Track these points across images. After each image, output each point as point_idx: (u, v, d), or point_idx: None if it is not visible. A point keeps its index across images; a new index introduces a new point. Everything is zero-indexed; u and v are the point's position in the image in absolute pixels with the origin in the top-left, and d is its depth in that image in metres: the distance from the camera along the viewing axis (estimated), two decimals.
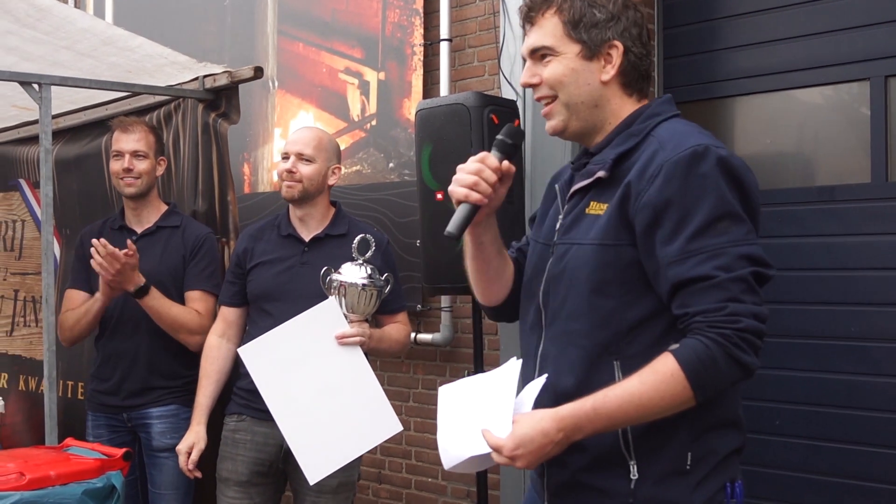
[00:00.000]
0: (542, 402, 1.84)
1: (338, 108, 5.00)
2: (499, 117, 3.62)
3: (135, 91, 4.14)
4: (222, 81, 3.94)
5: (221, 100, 3.98)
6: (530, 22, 1.98)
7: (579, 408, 1.75)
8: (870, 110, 3.77)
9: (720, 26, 4.20)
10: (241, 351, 3.04)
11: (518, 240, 2.30)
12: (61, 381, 4.20)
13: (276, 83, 5.33)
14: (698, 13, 4.26)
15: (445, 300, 4.45)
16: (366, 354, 3.07)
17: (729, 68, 4.17)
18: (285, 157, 3.25)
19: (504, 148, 1.97)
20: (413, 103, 4.49)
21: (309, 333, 2.99)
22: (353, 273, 3.03)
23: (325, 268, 3.06)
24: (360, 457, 3.18)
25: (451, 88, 4.50)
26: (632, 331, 1.84)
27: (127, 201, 3.65)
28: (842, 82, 3.89)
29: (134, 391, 3.54)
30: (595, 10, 1.92)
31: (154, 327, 3.48)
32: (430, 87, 4.62)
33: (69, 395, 4.37)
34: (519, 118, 3.87)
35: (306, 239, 3.26)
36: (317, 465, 2.97)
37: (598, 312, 1.85)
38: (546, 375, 1.85)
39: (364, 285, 3.02)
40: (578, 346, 1.87)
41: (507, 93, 4.21)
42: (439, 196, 3.69)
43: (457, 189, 1.93)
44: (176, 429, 3.42)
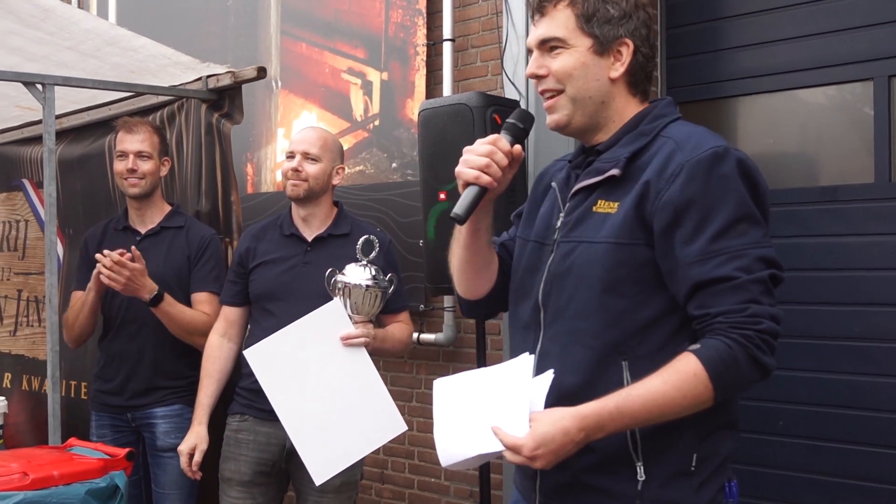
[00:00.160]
0: (544, 401, 1.82)
1: (341, 109, 5.00)
2: (501, 117, 3.62)
3: (138, 91, 4.14)
4: (225, 82, 3.94)
5: (225, 100, 3.98)
6: (541, 12, 1.94)
7: (602, 407, 1.73)
8: (873, 110, 3.76)
9: (723, 26, 4.20)
10: (246, 353, 3.04)
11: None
12: (64, 381, 4.20)
13: (280, 83, 5.33)
14: (701, 13, 4.26)
15: (448, 300, 4.45)
16: (369, 354, 3.07)
17: (732, 68, 4.17)
18: (290, 156, 3.25)
19: (515, 132, 1.94)
20: (416, 103, 4.49)
21: (314, 335, 2.99)
22: (358, 274, 3.03)
23: (330, 269, 3.06)
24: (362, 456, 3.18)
25: (454, 88, 4.50)
26: (642, 331, 1.82)
27: (131, 202, 3.66)
28: (845, 82, 3.89)
29: (138, 391, 3.54)
30: (609, 6, 1.91)
31: (158, 328, 3.48)
32: (432, 87, 4.62)
33: (72, 395, 4.37)
34: None
35: (309, 239, 3.26)
36: (323, 465, 2.97)
37: (608, 311, 1.83)
38: (552, 372, 1.82)
39: (368, 286, 3.02)
40: (585, 345, 1.84)
41: (510, 93, 4.21)
42: (442, 196, 3.69)
43: (466, 170, 1.89)
44: (180, 429, 3.43)
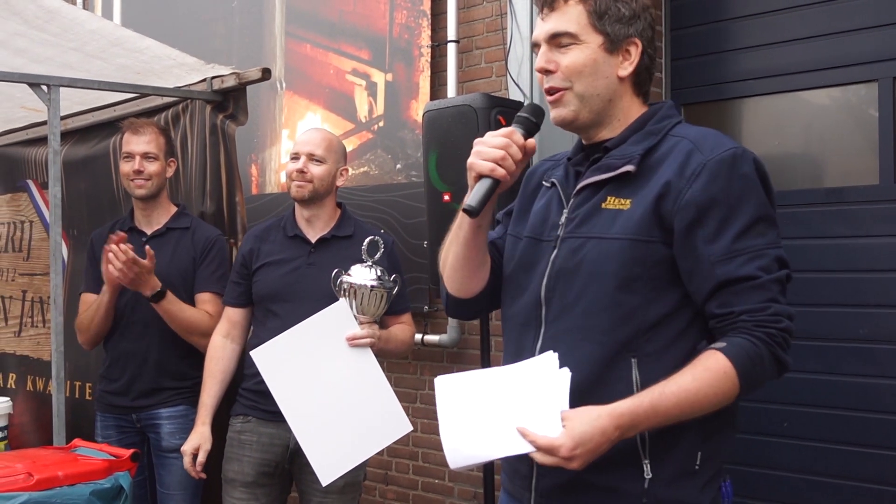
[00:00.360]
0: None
1: (345, 110, 5.00)
2: (506, 118, 3.62)
3: (143, 92, 4.14)
4: (230, 83, 3.94)
5: (229, 101, 3.98)
6: (551, 7, 1.93)
7: (637, 405, 1.72)
8: (878, 112, 3.76)
9: (728, 28, 4.20)
10: (253, 354, 3.04)
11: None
12: (69, 382, 4.20)
13: (284, 84, 5.34)
14: (706, 14, 4.26)
15: None
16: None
17: (737, 70, 4.16)
18: (295, 157, 3.25)
19: (528, 125, 1.92)
20: (420, 105, 4.49)
21: (320, 335, 2.99)
22: (363, 275, 3.03)
23: (336, 270, 3.06)
24: None
25: (459, 90, 4.51)
26: (652, 328, 1.82)
27: (137, 203, 3.66)
28: (850, 84, 3.88)
29: (143, 392, 3.55)
30: (620, 4, 1.91)
31: (163, 328, 3.48)
32: (437, 88, 4.62)
33: (77, 396, 4.38)
34: None
35: (312, 240, 3.26)
36: (329, 466, 2.97)
37: (621, 308, 1.82)
38: (567, 370, 1.78)
39: (373, 287, 3.02)
40: (595, 341, 1.83)
41: (515, 94, 4.21)
42: (446, 197, 3.69)
43: (480, 162, 1.86)
44: (185, 429, 3.43)
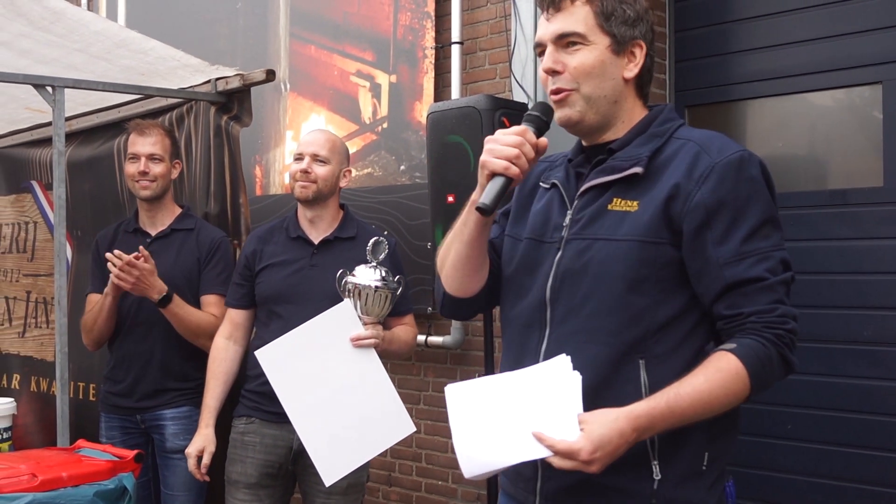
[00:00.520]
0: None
1: (349, 111, 5.01)
2: (510, 120, 3.62)
3: (147, 94, 4.15)
4: (234, 84, 3.95)
5: (233, 102, 3.99)
6: (556, 7, 1.92)
7: (654, 406, 1.72)
8: (882, 114, 3.76)
9: (732, 29, 4.19)
10: (258, 353, 3.04)
11: None
12: (72, 383, 4.21)
13: (288, 86, 5.34)
14: (710, 16, 4.26)
15: None
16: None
17: (741, 71, 4.16)
18: (299, 158, 3.25)
19: (538, 124, 1.91)
20: (424, 106, 4.49)
21: (324, 336, 2.99)
22: (368, 275, 3.03)
23: (341, 270, 3.07)
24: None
25: (463, 91, 4.51)
26: (659, 330, 1.82)
27: (141, 204, 3.66)
28: (854, 86, 3.88)
29: (147, 393, 3.55)
30: (624, 6, 1.91)
31: (167, 330, 3.48)
32: (441, 89, 4.62)
33: (80, 397, 4.38)
34: None
35: (315, 241, 3.26)
36: (333, 466, 2.97)
37: (629, 310, 1.82)
38: (578, 373, 1.78)
39: (378, 287, 3.02)
40: (603, 343, 1.83)
41: (519, 96, 4.21)
42: (450, 199, 3.69)
43: (493, 160, 1.85)
44: (189, 430, 3.43)
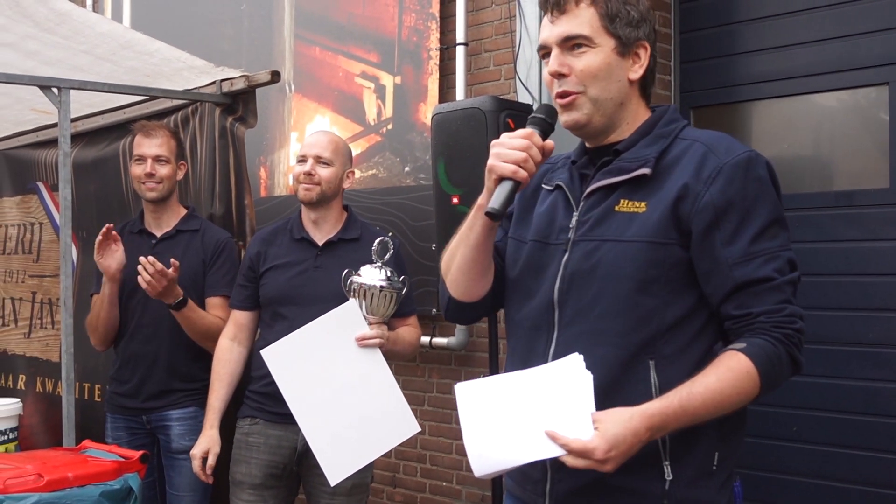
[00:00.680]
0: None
1: (354, 112, 5.01)
2: (515, 121, 3.62)
3: (153, 95, 4.16)
4: (239, 85, 3.95)
5: (239, 104, 3.99)
6: (560, 10, 1.91)
7: (667, 405, 1.72)
8: (888, 115, 3.75)
9: (738, 31, 4.19)
10: (263, 353, 3.05)
11: None
12: (78, 383, 4.22)
13: (293, 87, 5.35)
14: (716, 17, 4.25)
15: None
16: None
17: (746, 72, 4.16)
18: (302, 160, 3.26)
19: (543, 126, 1.91)
20: (429, 107, 4.50)
21: (330, 335, 2.99)
22: (373, 275, 3.03)
23: (346, 270, 3.07)
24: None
25: (467, 93, 4.51)
26: (669, 330, 1.83)
27: (147, 205, 3.67)
28: (860, 87, 3.87)
29: (153, 394, 3.56)
30: (628, 7, 1.91)
31: (173, 331, 3.50)
32: (445, 91, 4.62)
33: (86, 397, 4.39)
34: None
35: (319, 243, 3.27)
36: (338, 466, 2.98)
37: (638, 311, 1.82)
38: (589, 373, 1.77)
39: (383, 287, 3.02)
40: (612, 344, 1.83)
41: (524, 97, 4.21)
42: (455, 200, 3.69)
43: (502, 165, 1.84)
44: (195, 431, 3.43)
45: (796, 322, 1.78)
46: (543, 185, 2.07)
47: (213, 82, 4.02)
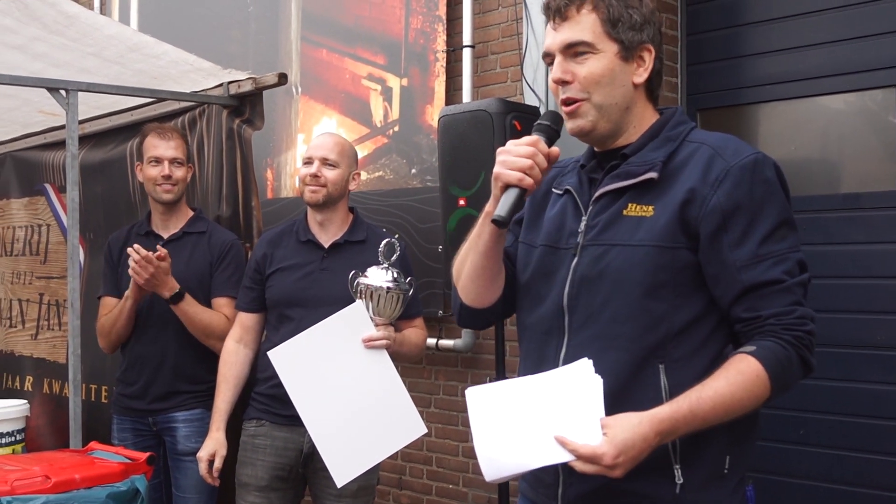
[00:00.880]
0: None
1: (361, 114, 5.01)
2: (521, 124, 3.62)
3: (160, 97, 4.17)
4: (246, 88, 3.96)
5: (246, 106, 4.00)
6: (563, 16, 1.91)
7: (676, 410, 1.72)
8: None
9: (745, 33, 4.18)
10: (270, 354, 3.05)
11: None
12: (85, 385, 4.22)
13: (300, 89, 5.35)
14: (723, 19, 4.25)
15: None
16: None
17: (753, 75, 4.15)
18: (308, 162, 3.26)
19: (549, 133, 1.91)
20: (435, 109, 4.50)
21: (337, 336, 3.00)
22: (380, 277, 3.03)
23: (353, 271, 3.07)
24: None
25: (474, 95, 4.51)
26: (679, 334, 1.82)
27: (157, 207, 3.67)
28: (867, 89, 3.86)
29: (160, 395, 3.56)
30: (631, 11, 1.90)
31: (179, 332, 3.50)
32: (452, 93, 4.62)
33: (92, 399, 4.39)
34: None
35: (325, 245, 3.27)
36: (344, 467, 2.97)
37: (648, 315, 1.82)
38: (599, 377, 1.77)
39: (390, 289, 3.02)
40: (622, 349, 1.83)
41: (530, 99, 4.21)
42: (462, 202, 3.69)
43: (507, 172, 1.84)
44: (201, 433, 3.43)
45: (807, 324, 1.78)
46: (553, 190, 2.07)
47: (221, 84, 4.03)
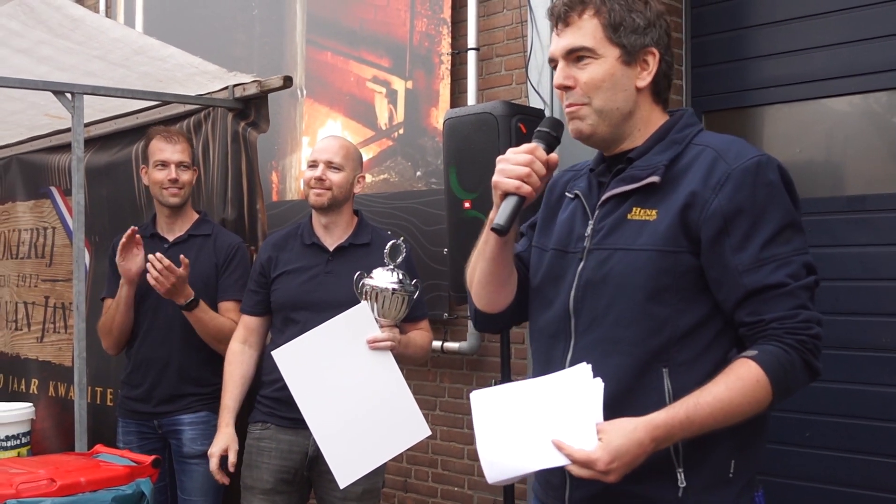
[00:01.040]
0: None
1: (365, 117, 5.02)
2: (526, 126, 3.62)
3: (165, 100, 4.17)
4: (252, 91, 3.96)
5: (251, 109, 4.00)
6: (565, 22, 1.92)
7: (673, 416, 1.72)
8: None
9: (749, 35, 4.18)
10: (274, 353, 3.05)
11: None
12: (90, 388, 4.22)
13: (305, 92, 5.36)
14: (727, 22, 4.25)
15: None
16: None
17: (758, 77, 4.15)
18: (313, 165, 3.26)
19: (548, 140, 1.92)
20: (440, 112, 4.50)
21: (341, 337, 3.00)
22: (385, 278, 3.03)
23: (358, 273, 3.07)
24: (385, 463, 3.18)
25: (479, 97, 4.51)
26: (682, 338, 1.82)
27: (163, 210, 3.67)
28: (872, 91, 3.86)
29: (165, 398, 3.56)
30: (634, 15, 1.90)
31: (185, 334, 3.50)
32: (457, 95, 4.62)
33: (98, 402, 4.40)
34: None
35: (330, 248, 3.27)
36: (347, 468, 2.98)
37: (651, 319, 1.82)
38: (600, 381, 1.78)
39: (395, 290, 3.02)
40: (626, 353, 1.83)
41: (535, 102, 4.21)
42: (467, 205, 3.69)
43: (505, 180, 1.86)
44: (206, 435, 3.44)
45: (812, 328, 1.76)
46: (566, 194, 2.08)
47: (226, 87, 4.03)
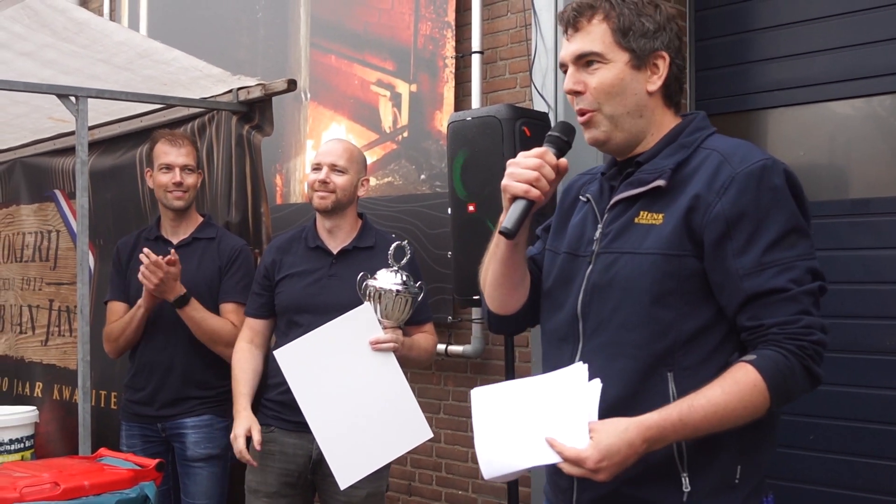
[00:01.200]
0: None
1: (370, 120, 5.02)
2: (530, 130, 3.62)
3: (170, 103, 4.18)
4: (256, 94, 3.96)
5: (255, 112, 4.00)
6: (575, 27, 1.92)
7: (665, 418, 1.71)
8: None
9: (753, 38, 4.18)
10: (276, 353, 3.05)
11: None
12: (94, 391, 4.23)
13: (309, 95, 5.36)
14: (731, 25, 4.25)
15: (476, 312, 4.45)
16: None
17: (762, 80, 4.15)
18: (317, 168, 3.26)
19: (559, 144, 1.92)
20: (445, 115, 4.50)
21: (344, 338, 2.99)
22: (389, 279, 3.03)
23: (362, 273, 3.07)
24: (388, 467, 3.18)
25: (483, 101, 4.51)
26: (687, 342, 1.82)
27: (167, 213, 3.67)
28: (876, 95, 3.86)
29: (168, 401, 3.56)
30: (643, 19, 1.90)
31: (188, 338, 3.50)
32: (461, 99, 4.63)
33: (102, 405, 4.40)
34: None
35: (334, 251, 3.27)
36: (348, 469, 2.97)
37: (656, 323, 1.82)
38: (598, 381, 1.78)
39: (399, 291, 3.02)
40: (630, 356, 1.83)
41: (539, 105, 4.20)
42: (471, 208, 3.69)
43: (514, 184, 1.87)
44: (210, 439, 3.44)
45: (813, 333, 1.75)
46: (580, 197, 2.08)
47: (230, 90, 4.04)
